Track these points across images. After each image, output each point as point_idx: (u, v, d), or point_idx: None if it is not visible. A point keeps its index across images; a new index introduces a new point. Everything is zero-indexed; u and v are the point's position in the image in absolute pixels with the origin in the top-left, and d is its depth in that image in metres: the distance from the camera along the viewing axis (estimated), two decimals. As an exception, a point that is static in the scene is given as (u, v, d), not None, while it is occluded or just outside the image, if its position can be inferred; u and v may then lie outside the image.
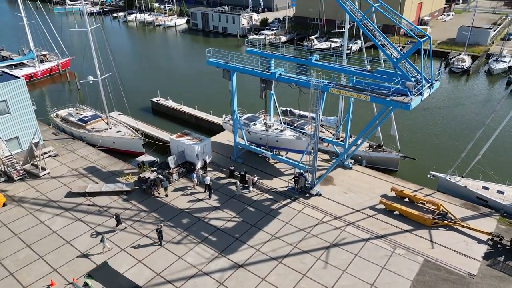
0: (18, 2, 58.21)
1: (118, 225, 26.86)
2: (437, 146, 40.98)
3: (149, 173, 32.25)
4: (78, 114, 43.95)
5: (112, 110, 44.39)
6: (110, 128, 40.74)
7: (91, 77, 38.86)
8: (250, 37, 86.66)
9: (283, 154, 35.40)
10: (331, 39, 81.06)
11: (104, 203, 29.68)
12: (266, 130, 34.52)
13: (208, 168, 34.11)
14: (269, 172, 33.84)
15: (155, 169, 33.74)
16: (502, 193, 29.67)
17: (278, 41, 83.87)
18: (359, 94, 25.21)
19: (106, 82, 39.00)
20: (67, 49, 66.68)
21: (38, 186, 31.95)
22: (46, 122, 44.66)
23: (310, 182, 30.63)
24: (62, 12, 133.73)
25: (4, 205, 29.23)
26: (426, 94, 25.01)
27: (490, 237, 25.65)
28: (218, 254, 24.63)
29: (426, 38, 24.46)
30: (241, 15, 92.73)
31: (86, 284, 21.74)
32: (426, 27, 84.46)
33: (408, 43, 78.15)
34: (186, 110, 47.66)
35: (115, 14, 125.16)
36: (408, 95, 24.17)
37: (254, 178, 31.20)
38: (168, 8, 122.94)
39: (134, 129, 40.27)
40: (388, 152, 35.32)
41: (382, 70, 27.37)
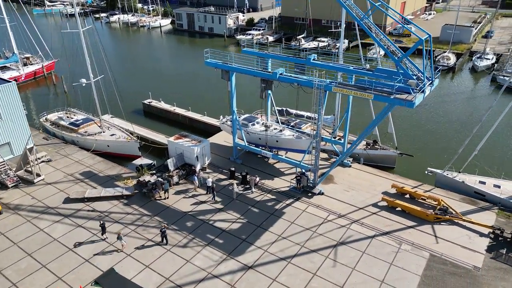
0: (-1, 3, 56.42)
1: (103, 234, 25.67)
2: (431, 143, 41.71)
3: (148, 176, 31.75)
4: (68, 117, 42.93)
5: (103, 113, 43.48)
6: (103, 131, 39.93)
7: (84, 79, 37.98)
8: (237, 37, 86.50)
9: (282, 154, 35.40)
10: (318, 39, 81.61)
11: (104, 208, 29.05)
12: (265, 130, 34.48)
13: (207, 169, 33.83)
14: (269, 172, 33.78)
15: (154, 172, 33.26)
16: (499, 187, 30.42)
17: (265, 41, 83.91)
18: (363, 92, 25.41)
19: (99, 85, 38.19)
20: (53, 51, 65.05)
21: (33, 192, 31.03)
22: (34, 126, 43.48)
23: (312, 181, 30.73)
24: (41, 13, 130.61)
25: (-1, 213, 28.36)
26: (427, 92, 25.41)
27: (491, 230, 26.25)
28: (227, 256, 24.44)
29: (427, 36, 24.85)
30: (227, 15, 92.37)
31: (94, 291, 21.23)
32: (411, 26, 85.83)
33: (395, 42, 79.24)
34: (180, 111, 47.15)
35: (97, 15, 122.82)
36: (410, 93, 24.52)
37: (256, 179, 31.10)
38: (151, 8, 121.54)
39: (128, 132, 39.60)
40: (385, 149, 35.76)
41: (382, 69, 27.69)
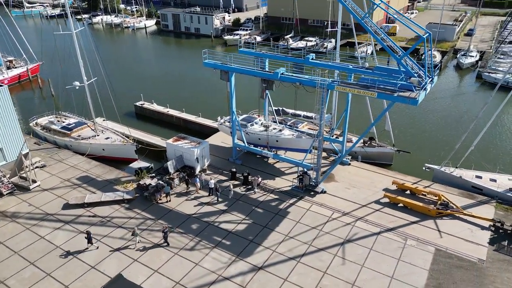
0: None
1: (89, 243, 24.72)
2: (427, 140, 42.40)
3: (149, 179, 31.30)
4: (59, 121, 41.95)
5: (96, 116, 42.54)
6: (98, 135, 39.16)
7: (77, 82, 37.12)
8: (225, 37, 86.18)
9: (281, 153, 35.42)
10: (306, 38, 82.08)
11: (105, 213, 28.47)
12: (265, 130, 34.45)
13: (207, 171, 33.58)
14: (269, 172, 33.75)
15: (153, 175, 32.79)
16: (495, 181, 31.23)
17: (253, 41, 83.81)
18: (366, 91, 25.67)
19: (94, 87, 37.42)
20: (36, 54, 63.41)
21: (30, 199, 30.16)
22: (24, 131, 42.20)
23: (314, 180, 30.87)
24: (20, 15, 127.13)
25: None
26: (428, 89, 25.86)
27: (492, 223, 26.91)
28: (235, 258, 24.30)
29: (427, 34, 25.27)
30: (213, 16, 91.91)
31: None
32: (395, 25, 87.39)
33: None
34: (174, 113, 46.65)
35: (79, 17, 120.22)
36: (413, 90, 24.90)
37: (258, 179, 31.04)
38: (135, 9, 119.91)
39: (124, 135, 38.93)
40: (382, 146, 36.23)
41: (382, 67, 28.08)
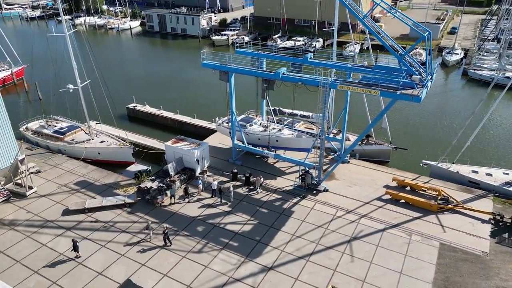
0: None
1: (75, 252, 24.09)
2: (421, 137, 43.17)
3: (150, 182, 30.87)
4: (51, 126, 40.97)
5: (85, 119, 41.62)
6: (92, 138, 38.41)
7: (71, 85, 36.32)
8: (212, 37, 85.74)
9: (280, 153, 35.44)
10: (294, 38, 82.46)
11: (108, 218, 27.93)
12: (264, 131, 34.44)
13: (207, 172, 33.34)
14: (269, 172, 33.75)
15: (153, 178, 32.35)
16: (490, 175, 32.03)
17: (241, 41, 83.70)
18: (369, 89, 25.94)
19: (87, 90, 36.69)
20: (20, 57, 61.81)
21: (28, 206, 29.34)
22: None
23: (317, 178, 31.02)
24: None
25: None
26: (429, 86, 26.31)
27: (492, 216, 27.59)
28: (245, 259, 24.20)
29: (427, 33, 25.71)
30: (200, 16, 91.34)
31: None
32: (381, 24, 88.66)
33: (365, 40, 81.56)
34: (168, 115, 46.16)
35: (60, 18, 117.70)
36: (415, 88, 25.28)
37: (261, 179, 30.99)
38: (118, 10, 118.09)
39: (119, 138, 38.27)
40: (379, 144, 36.69)
41: (381, 65, 28.48)
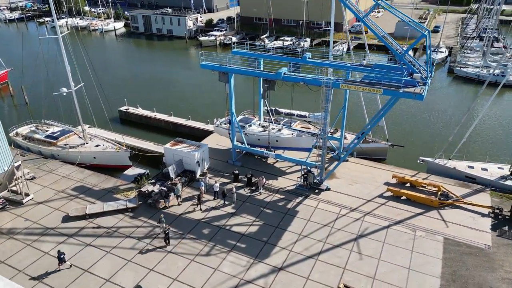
0: None
1: (62, 263, 23.09)
2: (415, 134, 43.90)
3: (151, 186, 30.40)
4: (41, 130, 39.94)
5: (78, 123, 40.70)
6: (86, 142, 37.60)
7: (65, 88, 35.45)
8: (200, 38, 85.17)
9: (280, 153, 35.45)
10: (282, 38, 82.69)
11: (110, 224, 27.37)
12: (264, 131, 34.40)
13: (208, 174, 33.07)
14: (270, 172, 33.72)
15: (153, 181, 31.88)
16: (486, 170, 32.85)
17: (229, 41, 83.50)
18: (371, 88, 26.20)
19: (81, 93, 35.88)
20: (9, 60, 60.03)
21: (25, 214, 28.48)
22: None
23: (319, 177, 31.16)
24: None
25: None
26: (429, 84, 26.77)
27: (491, 210, 28.28)
28: (254, 260, 24.10)
29: (427, 31, 26.16)
30: (187, 17, 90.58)
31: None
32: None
33: (353, 39, 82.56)
34: (162, 117, 45.59)
35: (41, 20, 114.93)
36: (416, 86, 25.68)
37: (263, 180, 30.94)
38: (100, 11, 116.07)
39: (114, 141, 37.56)
40: (376, 142, 37.13)
41: (381, 64, 28.73)
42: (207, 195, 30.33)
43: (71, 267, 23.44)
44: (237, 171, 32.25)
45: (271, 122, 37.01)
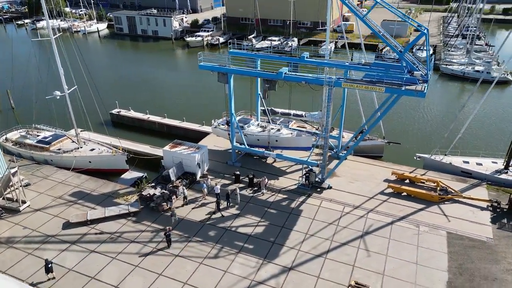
0: None
1: (49, 273, 22.37)
2: (410, 131, 44.62)
3: (152, 189, 29.93)
4: (32, 135, 38.84)
5: (71, 127, 39.73)
6: (81, 147, 36.76)
7: (58, 92, 34.57)
8: (187, 39, 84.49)
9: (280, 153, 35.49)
10: (269, 38, 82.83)
11: (113, 229, 26.82)
12: (263, 131, 34.35)
13: (208, 176, 32.82)
14: (270, 172, 33.68)
15: (153, 184, 31.40)
16: (481, 164, 33.67)
17: (216, 42, 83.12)
18: (373, 86, 26.49)
19: (74, 96, 35.05)
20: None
21: (23, 222, 27.62)
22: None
23: (320, 176, 31.31)
24: None
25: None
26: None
27: (489, 203, 29.00)
28: (263, 261, 24.03)
29: (426, 30, 26.60)
30: (172, 17, 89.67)
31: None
32: (352, 23, 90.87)
33: (339, 38, 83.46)
34: (155, 119, 44.99)
35: (20, 22, 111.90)
36: (417, 84, 26.10)
37: (265, 180, 30.89)
38: (82, 12, 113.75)
39: (110, 145, 36.85)
40: (373, 139, 37.56)
41: (379, 63, 29.13)
42: (210, 197, 30.08)
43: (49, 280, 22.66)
44: (238, 172, 32.09)
45: (269, 122, 36.96)
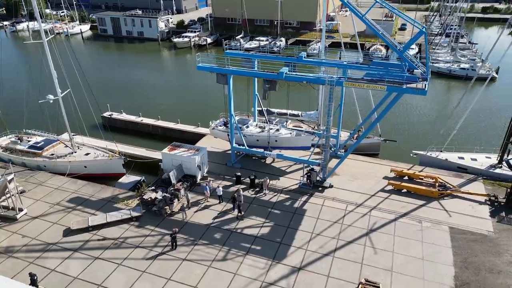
0: None
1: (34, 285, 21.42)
2: (404, 128, 45.26)
3: (154, 193, 29.47)
4: (23, 141, 37.71)
5: (64, 131, 38.76)
6: (75, 151, 35.91)
7: (51, 95, 33.67)
8: (174, 40, 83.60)
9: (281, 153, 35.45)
10: (257, 38, 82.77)
11: (116, 235, 26.28)
12: (262, 131, 34.28)
13: (208, 178, 32.55)
14: (270, 172, 33.65)
15: (153, 188, 30.93)
16: (476, 160, 34.44)
17: (204, 43, 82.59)
18: (375, 85, 26.74)
19: (68, 100, 34.22)
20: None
21: (21, 230, 26.78)
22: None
23: (322, 175, 31.44)
24: None
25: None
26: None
27: (487, 197, 29.69)
28: (272, 262, 23.96)
29: (424, 28, 27.01)
30: (158, 18, 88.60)
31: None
32: (339, 23, 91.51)
33: (327, 38, 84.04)
34: (149, 121, 44.34)
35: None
36: (417, 82, 26.48)
37: (267, 181, 30.82)
38: (63, 13, 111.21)
39: (106, 149, 36.09)
40: (369, 137, 37.93)
41: (378, 62, 29.50)
42: (212, 199, 29.82)
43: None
44: (239, 173, 31.92)
45: (267, 122, 36.90)
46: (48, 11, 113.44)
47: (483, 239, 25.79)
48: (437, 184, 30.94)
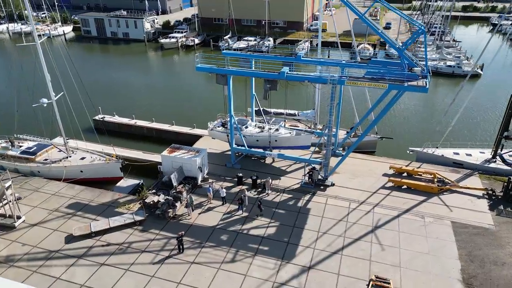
0: None
1: None
2: (398, 125, 45.93)
3: (156, 196, 29.03)
4: (14, 146, 36.59)
5: (56, 135, 37.81)
6: (69, 156, 35.06)
7: (45, 99, 32.78)
8: (160, 40, 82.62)
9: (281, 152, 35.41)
10: (245, 38, 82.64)
11: (120, 240, 25.76)
12: (261, 131, 34.20)
13: (210, 180, 32.28)
14: (270, 172, 33.62)
15: (154, 191, 30.48)
16: (470, 155, 35.22)
17: (191, 43, 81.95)
18: (376, 83, 27.01)
19: (62, 104, 33.37)
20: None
21: (21, 238, 25.96)
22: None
23: (323, 174, 31.58)
24: None
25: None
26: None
27: (485, 192, 30.39)
28: (281, 262, 23.92)
29: (423, 27, 27.45)
30: (144, 19, 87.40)
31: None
32: (325, 22, 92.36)
33: (313, 37, 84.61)
34: (143, 124, 43.68)
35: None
36: (417, 80, 26.88)
37: (270, 181, 30.77)
38: (44, 15, 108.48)
39: (102, 152, 35.36)
40: (366, 135, 38.25)
41: (377, 60, 29.79)
42: (215, 201, 29.58)
43: None
44: (240, 174, 31.76)
45: (266, 122, 36.86)
46: (26, 13, 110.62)
47: (485, 232, 26.38)
48: (435, 180, 31.50)
